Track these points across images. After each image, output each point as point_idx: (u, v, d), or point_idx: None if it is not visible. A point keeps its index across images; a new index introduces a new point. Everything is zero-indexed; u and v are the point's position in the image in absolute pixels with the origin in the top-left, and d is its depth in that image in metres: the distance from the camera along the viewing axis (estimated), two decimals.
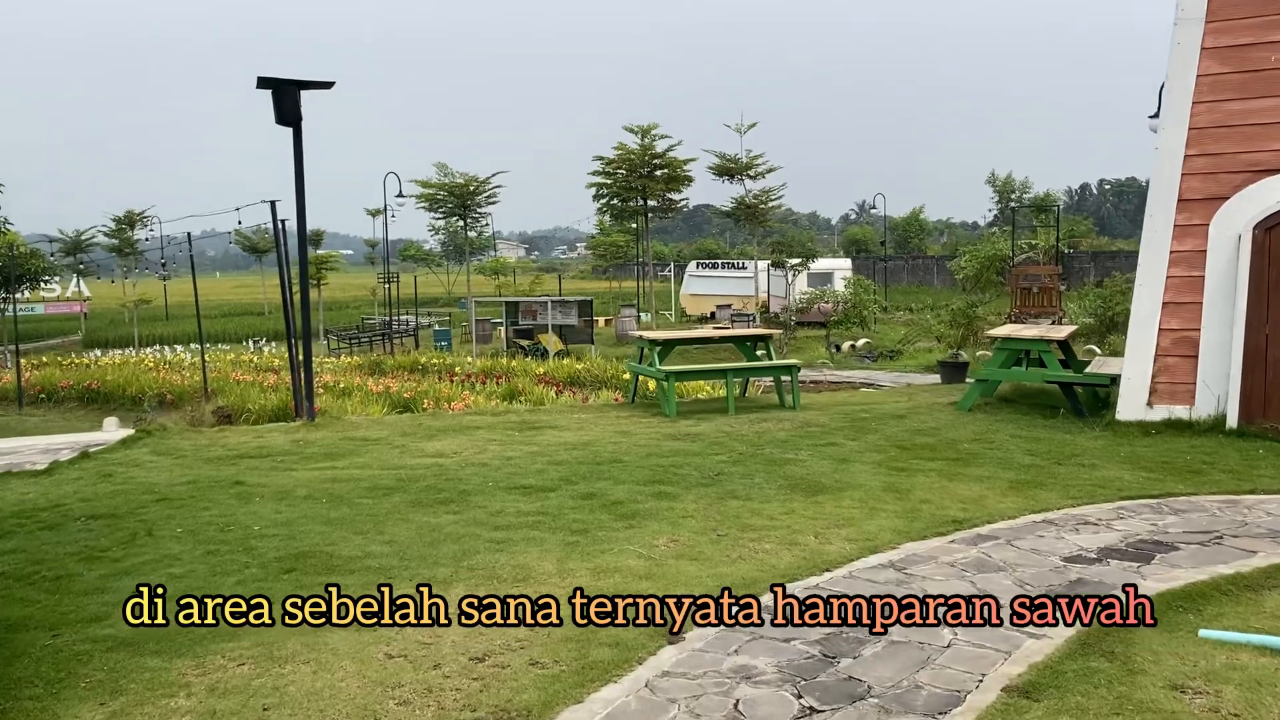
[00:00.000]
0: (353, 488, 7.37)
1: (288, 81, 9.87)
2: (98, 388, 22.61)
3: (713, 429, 9.63)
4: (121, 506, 6.95)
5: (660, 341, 11.03)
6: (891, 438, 9.05)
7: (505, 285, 57.15)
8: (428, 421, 10.51)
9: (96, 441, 9.56)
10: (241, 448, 9.08)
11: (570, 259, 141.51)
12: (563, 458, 8.33)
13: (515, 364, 23.78)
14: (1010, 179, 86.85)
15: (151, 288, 48.98)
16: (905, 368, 24.34)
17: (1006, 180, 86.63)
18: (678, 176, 37.54)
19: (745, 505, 6.74)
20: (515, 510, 6.68)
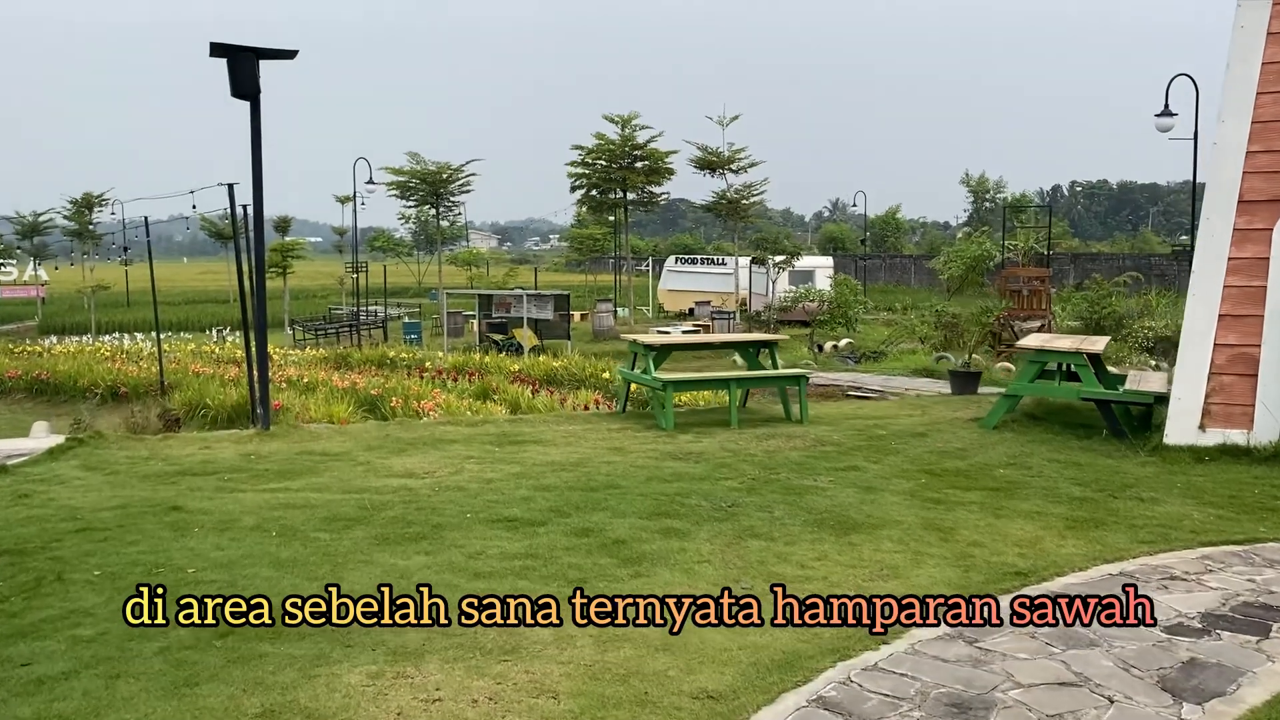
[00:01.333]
0: (308, 517, 6.34)
1: (244, 49, 8.78)
2: (47, 379, 21.38)
3: (716, 446, 8.66)
4: (33, 538, 5.87)
5: (656, 347, 10.05)
6: (917, 460, 8.13)
7: (478, 277, 55.94)
8: (396, 432, 9.46)
9: (20, 451, 8.45)
10: (184, 462, 8.01)
11: (543, 251, 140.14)
12: (551, 481, 7.33)
13: (489, 360, 22.76)
14: (985, 179, 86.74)
15: (111, 273, 47.32)
16: (891, 370, 23.49)
17: (981, 180, 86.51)
18: (659, 169, 36.54)
19: (769, 547, 5.78)
20: (499, 551, 5.68)
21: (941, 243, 76.59)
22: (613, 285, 52.10)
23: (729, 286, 38.52)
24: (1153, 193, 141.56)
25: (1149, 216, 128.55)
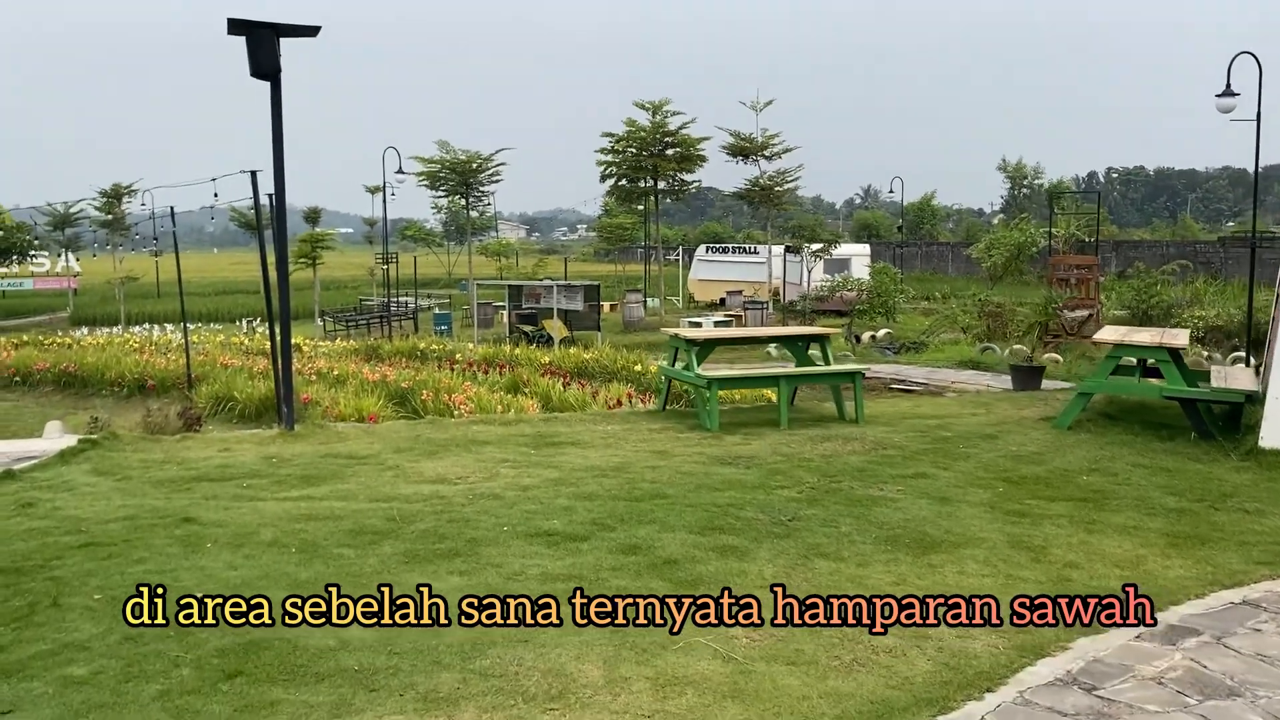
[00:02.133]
0: (332, 530, 5.81)
1: (263, 25, 8.25)
2: (75, 371, 21.08)
3: (767, 450, 8.06)
4: (33, 555, 5.38)
5: (698, 342, 9.45)
6: (990, 466, 7.49)
7: (508, 268, 55.53)
8: (427, 433, 8.93)
9: (32, 453, 8.00)
10: (201, 466, 7.51)
11: (571, 241, 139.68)
12: (592, 489, 6.76)
13: (519, 352, 22.27)
14: (1022, 165, 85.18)
15: (141, 264, 47.33)
16: (934, 362, 22.75)
17: (1019, 166, 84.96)
18: (690, 155, 35.82)
19: (839, 569, 5.19)
20: (539, 571, 5.12)
21: (978, 229, 75.30)
22: (642, 275, 51.48)
23: (761, 276, 37.78)
24: (1191, 179, 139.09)
25: (1187, 203, 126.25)
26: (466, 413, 13.02)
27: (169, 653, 4.13)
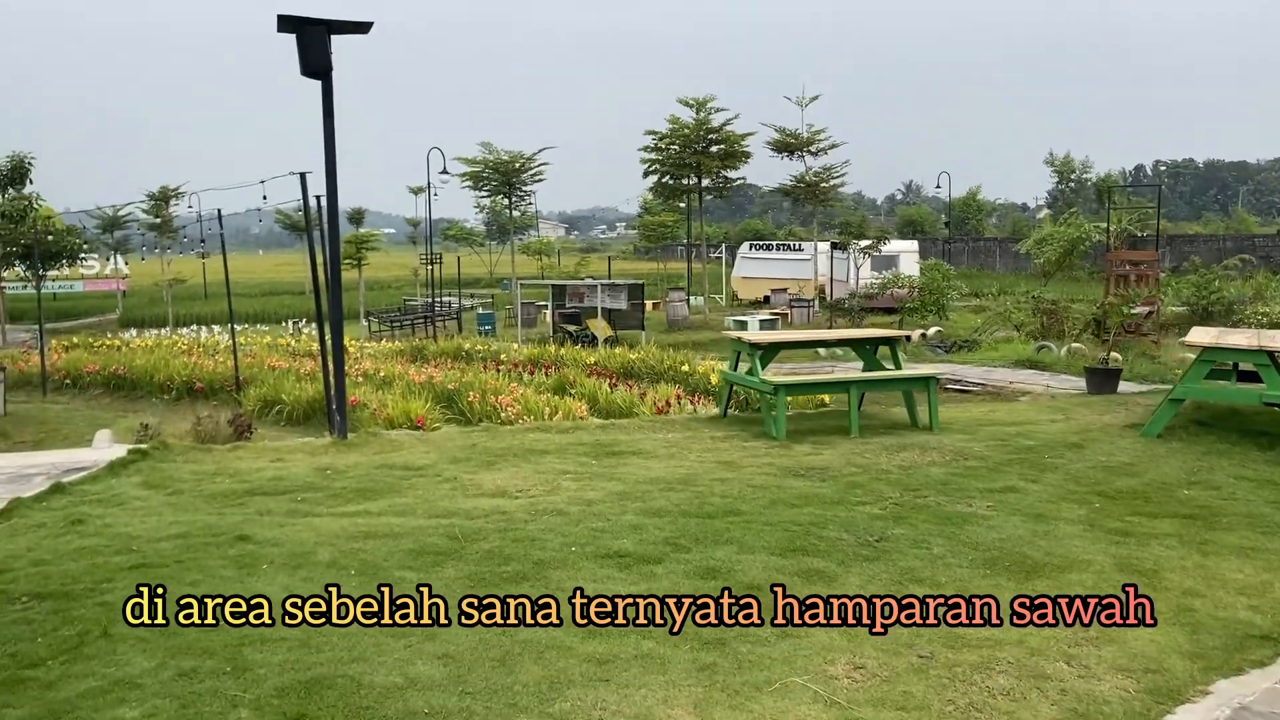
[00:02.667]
0: (391, 550, 5.51)
1: (314, 22, 8.00)
2: (124, 374, 21.15)
3: (841, 460, 7.66)
4: (82, 577, 5.14)
5: (762, 346, 9.06)
6: (1080, 478, 7.04)
7: (549, 267, 55.39)
8: (483, 441, 8.63)
9: (81, 464, 7.81)
10: (254, 478, 7.27)
11: (610, 239, 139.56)
12: (660, 504, 6.41)
13: (564, 352, 22.02)
14: (1069, 159, 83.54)
15: (188, 266, 47.79)
16: (988, 360, 22.16)
17: (1066, 160, 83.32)
18: (735, 152, 35.34)
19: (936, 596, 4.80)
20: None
21: (1023, 225, 73.96)
22: (684, 273, 51.10)
23: (806, 273, 37.24)
24: (1242, 171, 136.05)
25: (1238, 195, 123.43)
26: (514, 415, 12.78)
27: (226, 691, 3.85)
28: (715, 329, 31.20)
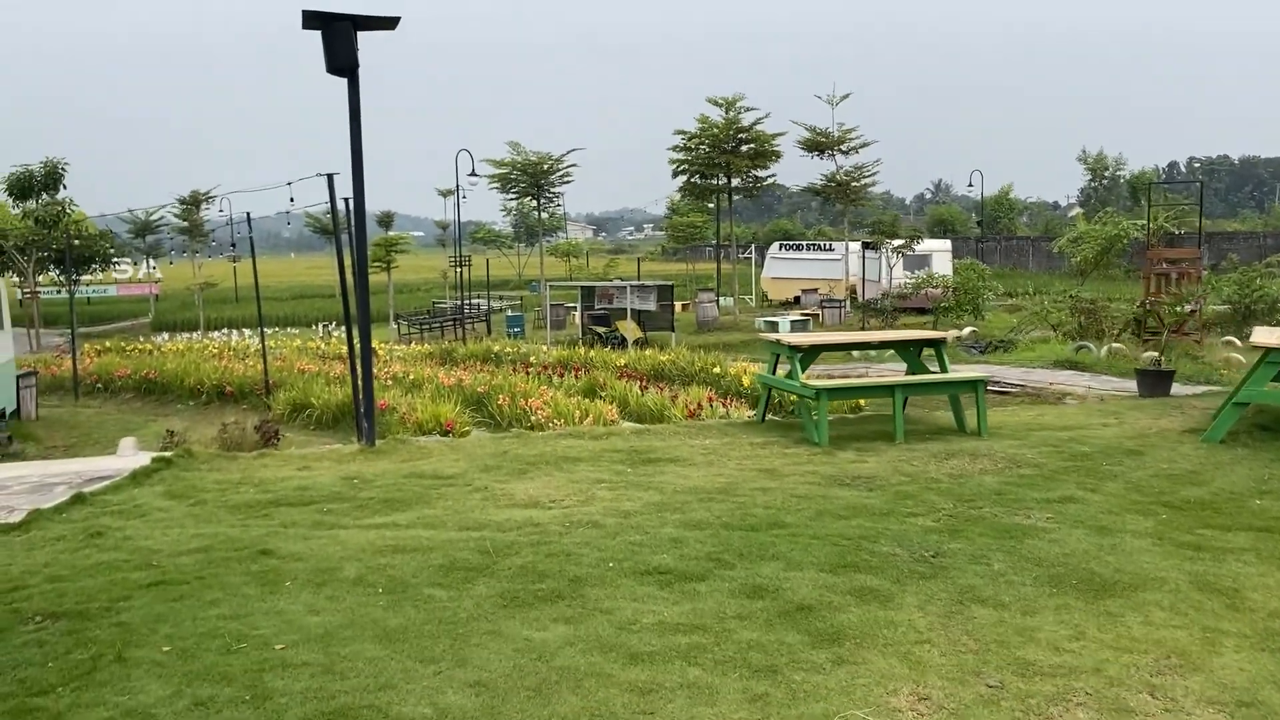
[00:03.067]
0: (421, 565, 5.26)
1: (340, 17, 7.78)
2: (155, 378, 21.15)
3: (888, 468, 7.33)
4: (99, 595, 4.93)
5: (802, 348, 8.74)
6: (1143, 487, 6.67)
7: (578, 268, 55.24)
8: (514, 448, 8.38)
9: (104, 472, 7.63)
10: (279, 488, 7.05)
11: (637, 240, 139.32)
12: (700, 515, 6.12)
13: (593, 354, 21.78)
14: (1103, 156, 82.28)
15: (219, 269, 47.99)
16: (1026, 361, 21.70)
17: (1099, 157, 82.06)
18: (765, 151, 34.95)
19: (1003, 618, 4.47)
20: (655, 619, 4.50)
21: (1056, 223, 72.89)
22: (713, 274, 50.75)
23: (838, 273, 36.80)
24: (1278, 167, 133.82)
25: (1275, 192, 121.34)
26: (544, 418, 12.57)
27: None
28: (745, 330, 30.86)
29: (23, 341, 32.20)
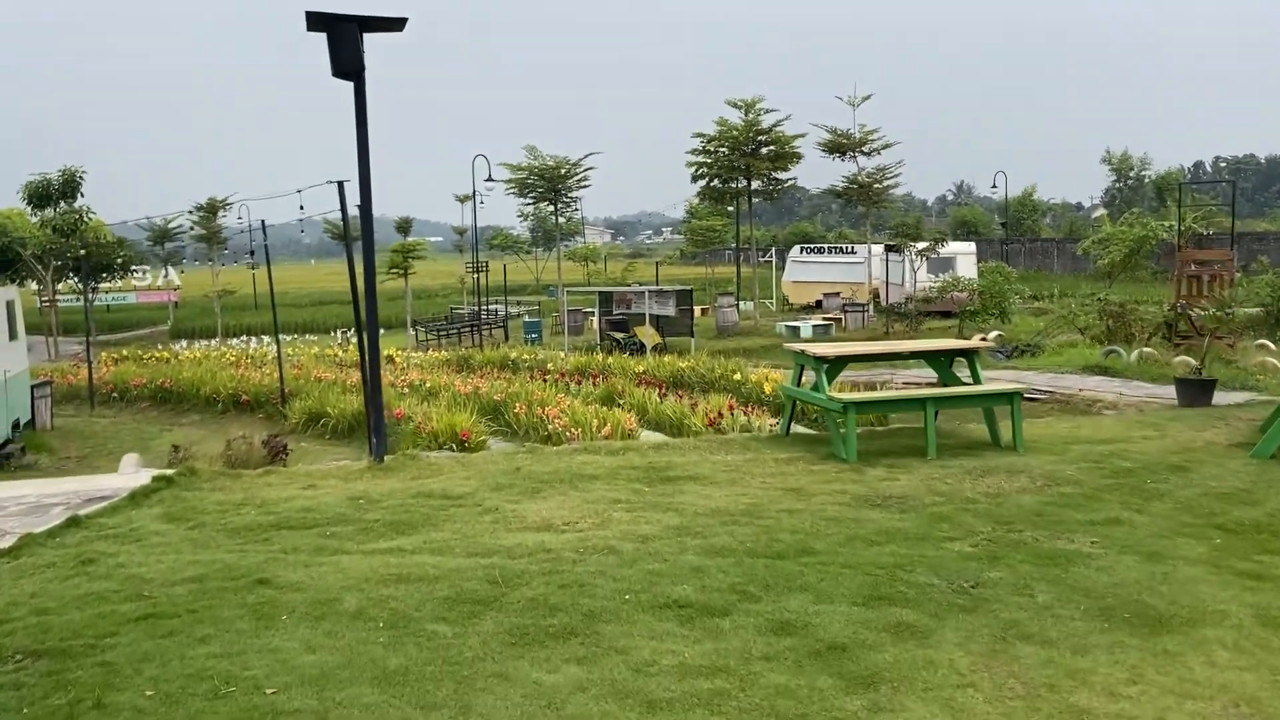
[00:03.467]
0: (425, 597, 4.95)
1: (345, 18, 7.51)
2: (171, 386, 21.03)
3: (921, 487, 6.96)
4: (84, 630, 4.64)
5: (830, 359, 8.39)
6: (1193, 508, 6.29)
7: (596, 273, 54.98)
8: (527, 464, 8.07)
9: (104, 492, 7.38)
10: (282, 509, 6.76)
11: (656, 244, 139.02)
12: (722, 540, 5.78)
13: (611, 361, 21.48)
14: (1127, 156, 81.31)
15: (237, 276, 48.06)
16: (1054, 366, 21.24)
17: (1124, 157, 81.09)
18: (785, 154, 34.54)
19: (1051, 657, 4.12)
20: (674, 661, 4.17)
21: (1080, 225, 72.03)
22: (732, 278, 50.39)
23: (860, 277, 36.36)
24: None
25: None
26: (561, 426, 12.29)
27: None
28: (766, 335, 30.49)
29: (41, 350, 32.27)
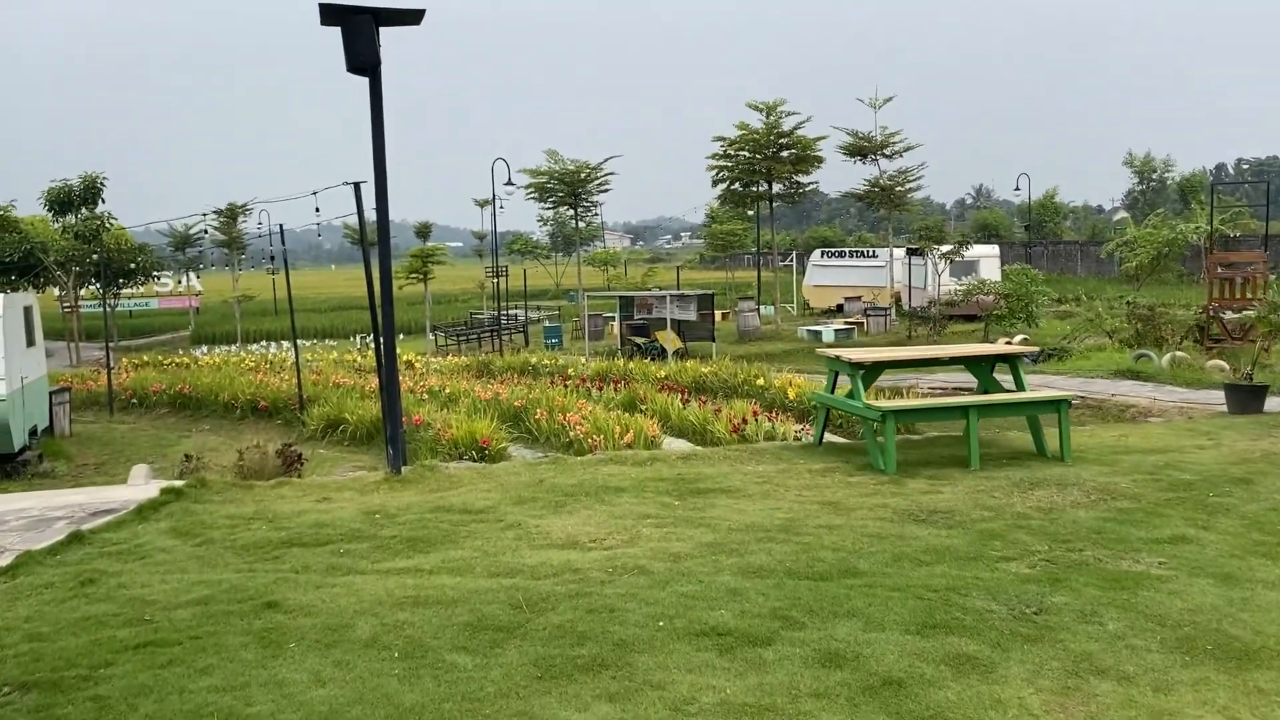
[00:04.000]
0: (443, 623, 4.61)
1: (360, 10, 7.20)
2: (190, 392, 20.86)
3: (967, 500, 6.57)
4: (79, 659, 4.33)
5: (864, 365, 8.01)
6: (1263, 524, 5.87)
7: (616, 278, 54.67)
8: (551, 476, 7.73)
9: (111, 505, 7.09)
10: (294, 524, 6.45)
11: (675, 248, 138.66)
12: (760, 560, 5.42)
13: (633, 366, 21.16)
14: (1150, 158, 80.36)
15: (257, 281, 48.05)
16: (1083, 371, 20.74)
17: (1146, 160, 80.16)
18: (806, 157, 34.11)
19: (1131, 696, 3.73)
20: (715, 697, 3.81)
21: (1102, 227, 71.19)
22: (753, 282, 49.95)
23: (881, 280, 35.91)
24: None
25: None
26: (582, 433, 11.98)
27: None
28: (787, 339, 30.10)
29: (63, 355, 32.25)
